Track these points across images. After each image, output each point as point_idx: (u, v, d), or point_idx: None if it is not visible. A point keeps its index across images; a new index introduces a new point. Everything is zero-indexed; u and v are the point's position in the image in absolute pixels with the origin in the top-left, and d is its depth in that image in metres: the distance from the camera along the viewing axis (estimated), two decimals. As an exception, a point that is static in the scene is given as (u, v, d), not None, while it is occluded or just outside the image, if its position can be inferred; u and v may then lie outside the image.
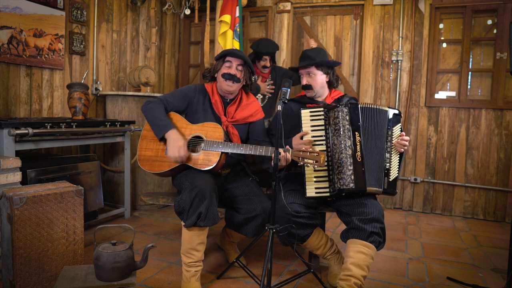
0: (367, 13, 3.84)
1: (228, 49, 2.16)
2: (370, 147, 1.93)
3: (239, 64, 2.12)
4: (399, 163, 1.98)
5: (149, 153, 2.10)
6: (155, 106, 2.09)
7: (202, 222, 1.85)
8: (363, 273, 1.77)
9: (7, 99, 2.83)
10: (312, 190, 1.93)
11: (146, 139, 2.13)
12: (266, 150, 1.90)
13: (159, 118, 2.05)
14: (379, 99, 3.85)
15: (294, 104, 2.24)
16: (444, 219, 3.55)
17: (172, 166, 2.03)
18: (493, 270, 2.39)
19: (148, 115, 2.09)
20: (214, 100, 2.15)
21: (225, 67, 2.12)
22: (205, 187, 1.86)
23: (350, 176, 1.85)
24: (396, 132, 1.98)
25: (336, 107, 1.94)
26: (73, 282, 1.48)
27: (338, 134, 1.91)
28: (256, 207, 2.00)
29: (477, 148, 3.58)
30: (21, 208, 1.74)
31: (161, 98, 2.15)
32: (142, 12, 4.05)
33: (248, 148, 1.94)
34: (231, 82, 2.09)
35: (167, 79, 4.54)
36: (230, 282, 2.11)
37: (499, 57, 3.46)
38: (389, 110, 1.98)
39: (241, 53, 2.11)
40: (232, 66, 2.11)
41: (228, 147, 1.96)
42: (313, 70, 2.16)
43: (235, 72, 2.10)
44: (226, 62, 2.12)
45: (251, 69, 2.18)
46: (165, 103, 2.13)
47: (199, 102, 2.18)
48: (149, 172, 2.10)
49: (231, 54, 2.11)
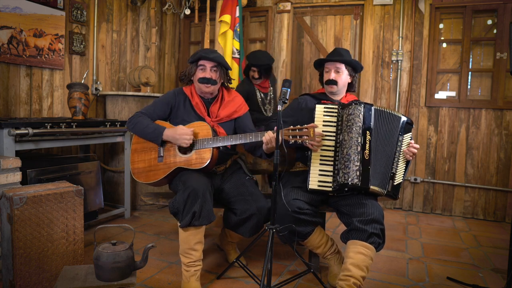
0: (367, 13, 3.84)
1: (200, 51, 2.11)
2: (379, 148, 1.94)
3: (213, 66, 2.10)
4: (405, 169, 2.00)
5: (142, 165, 2.11)
6: (140, 119, 2.10)
7: (197, 221, 1.86)
8: (362, 274, 1.77)
9: (7, 99, 2.83)
10: (315, 183, 1.94)
11: (137, 152, 2.14)
12: (256, 136, 1.92)
13: (148, 127, 2.06)
14: (379, 99, 3.85)
15: (311, 99, 2.22)
16: (444, 219, 3.55)
17: (167, 172, 2.04)
18: (493, 270, 2.39)
19: (136, 129, 2.09)
20: (195, 102, 2.14)
21: (199, 71, 2.10)
22: (197, 186, 1.86)
23: (356, 172, 1.86)
24: (407, 140, 2.00)
25: (351, 104, 1.96)
26: (73, 282, 1.48)
27: (350, 131, 1.92)
28: (251, 207, 2.00)
29: (477, 148, 3.58)
30: (21, 208, 1.74)
31: (142, 111, 2.16)
32: (142, 12, 4.05)
33: (238, 138, 1.96)
34: (208, 84, 2.09)
35: (167, 79, 4.54)
36: (230, 282, 2.11)
37: (499, 57, 3.46)
38: (402, 117, 2.00)
39: (213, 55, 2.08)
40: (206, 69, 2.09)
41: (218, 141, 1.98)
42: (341, 67, 2.14)
43: (210, 75, 2.09)
44: (200, 66, 2.10)
45: (226, 67, 2.16)
46: (147, 114, 2.13)
47: (180, 105, 2.17)
48: (147, 184, 2.09)
49: (203, 57, 2.08)
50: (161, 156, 2.08)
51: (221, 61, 2.10)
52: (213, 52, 2.12)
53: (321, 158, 1.96)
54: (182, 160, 2.02)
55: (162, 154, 2.08)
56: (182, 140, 1.98)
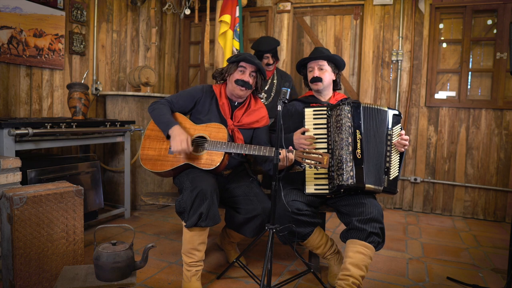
0: (367, 13, 3.84)
1: (243, 54, 2.13)
2: (370, 145, 1.94)
3: (253, 70, 2.11)
4: (399, 162, 2.00)
5: (151, 152, 2.10)
6: (161, 106, 2.11)
7: (203, 222, 1.85)
8: (361, 273, 1.78)
9: (7, 99, 2.83)
10: (311, 187, 1.95)
11: (150, 138, 2.13)
12: (270, 151, 1.90)
13: (163, 116, 2.06)
14: (379, 99, 3.85)
15: (299, 103, 2.25)
16: (444, 219, 3.55)
17: (175, 165, 2.02)
18: (493, 270, 2.39)
19: (153, 114, 2.10)
20: (221, 103, 2.15)
21: (238, 72, 2.10)
22: (206, 187, 1.86)
23: (350, 172, 1.87)
24: (396, 132, 2.00)
25: (339, 105, 1.96)
26: (73, 282, 1.48)
27: (340, 131, 1.92)
28: (256, 207, 1.99)
29: (477, 148, 3.58)
30: (21, 208, 1.74)
31: (167, 98, 2.17)
32: (142, 12, 4.05)
33: (252, 149, 1.94)
34: (244, 88, 2.09)
35: (167, 79, 4.54)
36: (230, 282, 2.11)
37: (499, 57, 3.46)
38: (389, 110, 2.01)
39: (255, 60, 2.09)
40: (246, 72, 2.10)
41: (231, 147, 1.96)
42: (324, 64, 2.17)
43: (248, 78, 2.09)
44: (240, 67, 2.11)
45: (264, 76, 2.17)
46: (171, 103, 2.14)
47: (206, 103, 2.17)
48: (150, 171, 2.09)
49: (246, 60, 2.09)
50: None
51: (261, 68, 2.12)
52: (255, 57, 2.13)
53: None
54: (192, 157, 2.01)
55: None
56: (176, 144, 1.93)
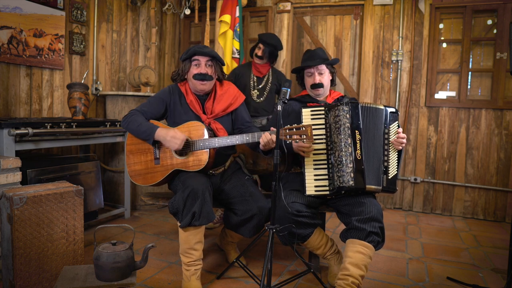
0: (367, 13, 3.84)
1: (192, 48, 2.06)
2: (369, 145, 1.93)
3: (208, 60, 2.06)
4: (397, 160, 1.99)
5: (138, 167, 2.07)
6: (134, 117, 2.05)
7: (196, 221, 1.86)
8: (361, 273, 1.78)
9: (7, 99, 2.83)
10: (311, 188, 1.94)
11: (132, 153, 2.09)
12: (253, 136, 1.90)
13: (141, 126, 2.00)
14: (379, 99, 3.85)
15: (295, 103, 2.24)
16: (444, 219, 3.55)
17: (165, 174, 2.02)
18: (493, 270, 2.39)
19: (130, 127, 2.04)
20: (189, 100, 2.11)
21: (194, 67, 2.06)
22: (197, 186, 1.86)
23: (350, 174, 1.86)
24: (393, 129, 1.99)
25: (337, 105, 1.95)
26: (73, 282, 1.48)
27: (339, 132, 1.91)
28: (252, 208, 2.00)
29: (477, 148, 3.58)
30: (21, 208, 1.74)
31: (136, 109, 2.11)
32: (142, 12, 4.04)
33: (235, 139, 1.94)
34: (204, 81, 2.05)
35: (167, 79, 4.54)
36: (230, 282, 2.11)
37: (499, 57, 3.46)
38: (386, 108, 2.00)
39: (207, 49, 2.05)
40: (201, 65, 2.05)
41: (214, 142, 1.95)
42: (323, 68, 2.17)
43: (206, 70, 2.05)
44: (194, 61, 2.06)
45: (221, 62, 2.13)
46: (142, 113, 2.09)
47: (176, 103, 2.13)
48: (145, 186, 2.07)
49: (197, 52, 2.04)
50: (157, 158, 2.04)
51: (215, 55, 2.07)
52: (206, 47, 2.09)
53: (315, 162, 1.96)
54: (179, 162, 2.00)
55: (158, 156, 2.04)
56: (172, 142, 1.93)
